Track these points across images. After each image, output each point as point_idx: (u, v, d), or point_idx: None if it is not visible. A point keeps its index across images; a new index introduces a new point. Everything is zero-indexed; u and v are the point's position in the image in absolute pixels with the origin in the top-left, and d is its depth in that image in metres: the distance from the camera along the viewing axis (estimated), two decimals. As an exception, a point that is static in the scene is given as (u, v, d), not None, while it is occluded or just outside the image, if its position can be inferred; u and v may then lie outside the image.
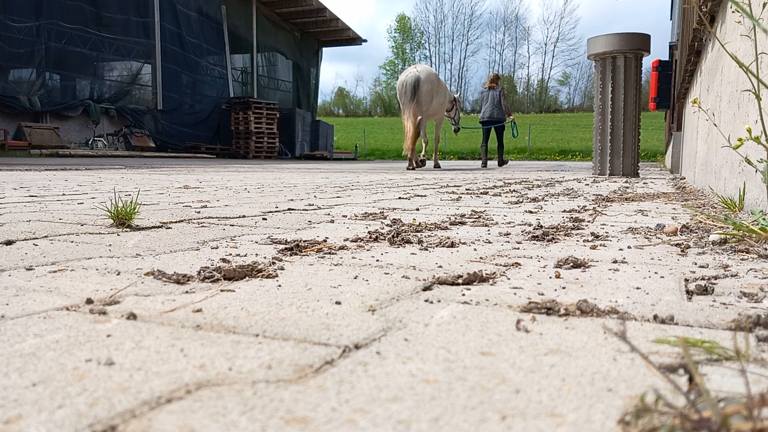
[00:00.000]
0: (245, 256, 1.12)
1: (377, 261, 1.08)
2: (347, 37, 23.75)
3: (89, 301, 0.75)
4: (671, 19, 13.45)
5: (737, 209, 1.88)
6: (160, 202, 2.30)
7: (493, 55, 69.35)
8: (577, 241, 1.36)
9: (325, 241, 1.30)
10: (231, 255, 1.13)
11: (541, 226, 1.59)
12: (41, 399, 0.45)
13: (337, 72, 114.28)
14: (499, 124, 10.55)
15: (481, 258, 1.12)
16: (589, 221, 1.78)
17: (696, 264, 1.06)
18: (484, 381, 0.49)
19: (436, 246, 1.26)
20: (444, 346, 0.59)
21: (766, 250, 1.17)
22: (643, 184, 4.42)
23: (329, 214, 1.93)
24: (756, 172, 1.68)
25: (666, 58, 11.22)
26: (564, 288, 0.87)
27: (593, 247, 1.25)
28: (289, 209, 2.09)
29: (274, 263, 1.04)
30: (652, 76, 10.58)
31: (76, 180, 4.04)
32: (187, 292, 0.82)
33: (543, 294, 0.83)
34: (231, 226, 1.60)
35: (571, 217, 1.87)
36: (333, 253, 1.16)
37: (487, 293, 0.83)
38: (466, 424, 0.41)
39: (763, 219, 1.29)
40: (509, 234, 1.47)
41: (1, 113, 12.78)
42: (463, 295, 0.82)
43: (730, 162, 2.40)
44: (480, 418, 0.42)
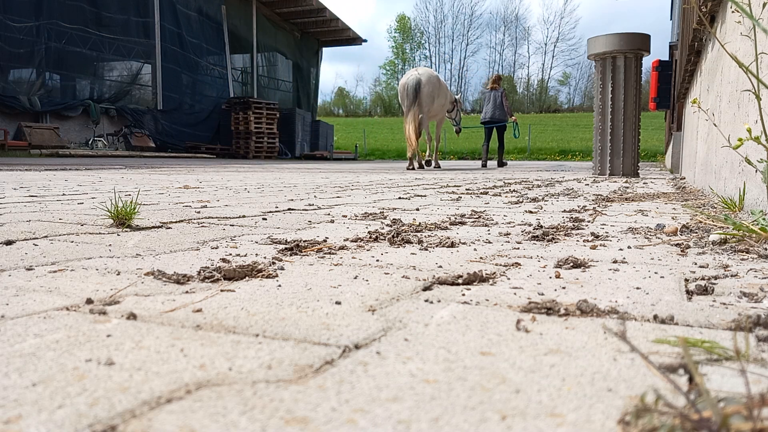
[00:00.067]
0: (245, 256, 1.12)
1: (377, 261, 1.08)
2: (347, 37, 23.76)
3: (89, 301, 0.75)
4: (671, 19, 13.45)
5: (737, 209, 1.88)
6: (160, 202, 2.30)
7: (493, 55, 69.46)
8: (577, 241, 1.36)
9: (325, 241, 1.30)
10: (231, 255, 1.13)
11: (541, 226, 1.59)
12: (41, 399, 0.45)
13: (337, 72, 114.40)
14: (501, 124, 10.56)
15: (481, 258, 1.12)
16: (589, 221, 1.78)
17: (696, 264, 1.07)
18: (484, 381, 0.49)
19: (436, 246, 1.26)
20: (444, 346, 0.59)
21: (766, 250, 1.17)
22: (643, 184, 4.42)
23: (329, 214, 1.93)
24: (756, 172, 1.68)
25: (666, 58, 11.23)
26: (564, 288, 0.87)
27: (593, 247, 1.25)
28: (289, 209, 2.09)
29: (274, 263, 1.04)
30: (652, 76, 10.58)
31: (76, 180, 4.04)
32: (187, 292, 0.82)
33: (543, 294, 0.83)
34: (231, 226, 1.60)
35: (571, 217, 1.87)
36: (333, 253, 1.16)
37: (487, 293, 0.83)
38: (466, 424, 0.41)
39: (763, 219, 1.29)
40: (509, 234, 1.47)
41: (1, 113, 12.79)
42: (463, 295, 0.82)
43: (730, 162, 2.40)
44: (480, 418, 0.42)
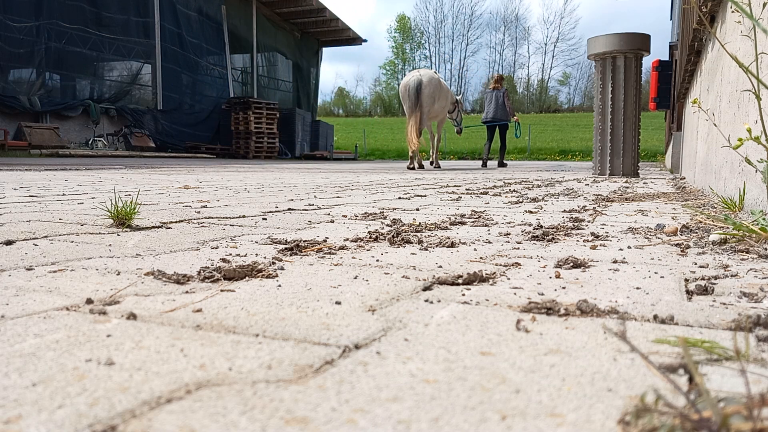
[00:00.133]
0: (245, 256, 1.12)
1: (377, 261, 1.08)
2: (347, 37, 23.75)
3: (89, 301, 0.75)
4: (671, 19, 13.45)
5: (737, 209, 1.88)
6: (160, 202, 2.30)
7: (493, 55, 69.46)
8: (577, 241, 1.36)
9: (325, 241, 1.30)
10: (231, 255, 1.13)
11: (541, 226, 1.59)
12: (41, 399, 0.45)
13: (337, 72, 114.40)
14: (503, 123, 10.58)
15: (481, 258, 1.12)
16: (589, 221, 1.78)
17: (696, 264, 1.06)
18: (484, 381, 0.49)
19: (436, 246, 1.26)
20: (444, 346, 0.59)
21: (766, 250, 1.17)
22: (643, 184, 4.42)
23: (329, 214, 1.93)
24: (756, 172, 1.68)
25: (666, 58, 11.23)
26: (564, 288, 0.87)
27: (593, 247, 1.25)
28: (289, 209, 2.09)
29: (274, 263, 1.04)
30: (652, 76, 10.58)
31: (76, 180, 4.04)
32: (187, 292, 0.82)
33: (543, 294, 0.83)
34: (231, 226, 1.60)
35: (571, 217, 1.87)
36: (333, 253, 1.16)
37: (487, 293, 0.83)
38: (466, 424, 0.41)
39: (763, 219, 1.29)
40: (509, 234, 1.47)
41: (1, 113, 12.78)
42: (463, 295, 0.82)
43: (730, 162, 2.40)
44: (480, 418, 0.42)
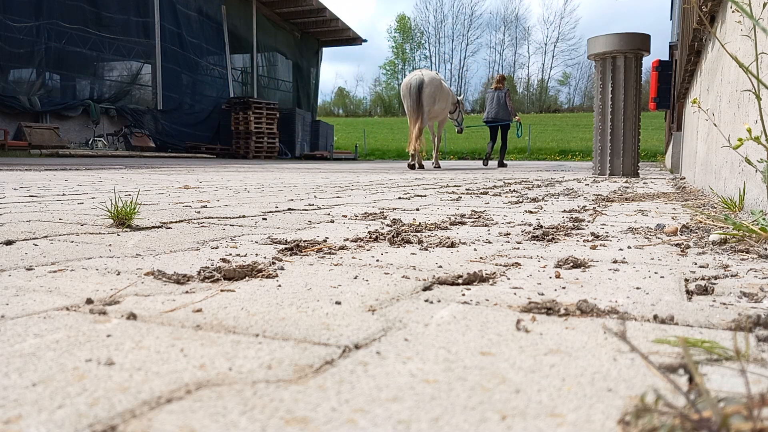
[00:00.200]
0: (245, 256, 1.12)
1: (377, 261, 1.08)
2: (347, 37, 23.75)
3: (89, 301, 0.75)
4: (671, 19, 13.45)
5: (737, 209, 1.88)
6: (160, 202, 2.30)
7: (493, 55, 69.48)
8: (577, 241, 1.36)
9: (325, 241, 1.30)
10: (231, 255, 1.13)
11: (541, 226, 1.59)
12: (41, 399, 0.45)
13: (337, 72, 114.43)
14: (505, 123, 10.60)
15: (481, 258, 1.12)
16: (589, 221, 1.78)
17: (696, 264, 1.06)
18: (484, 381, 0.49)
19: (436, 246, 1.26)
20: (444, 346, 0.59)
21: (766, 250, 1.17)
22: (643, 184, 4.42)
23: (329, 214, 1.93)
24: (756, 172, 1.68)
25: (666, 58, 11.23)
26: (564, 288, 0.87)
27: (593, 247, 1.25)
28: (289, 209, 2.09)
29: (274, 263, 1.04)
30: (652, 76, 10.58)
31: (76, 180, 4.04)
32: (187, 292, 0.82)
33: (543, 294, 0.83)
34: (231, 226, 1.60)
35: (571, 217, 1.87)
36: (333, 253, 1.16)
37: (487, 293, 0.83)
38: (466, 424, 0.41)
39: (763, 219, 1.29)
40: (509, 234, 1.47)
41: (1, 113, 12.78)
42: (463, 295, 0.82)
43: (730, 162, 2.40)
44: (480, 418, 0.42)
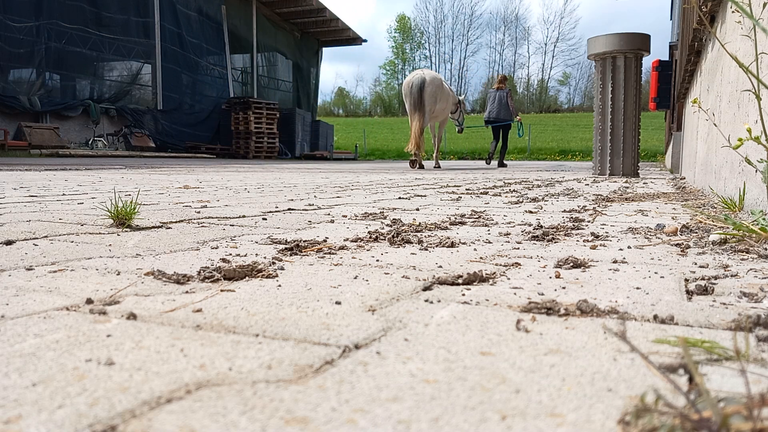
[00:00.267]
0: (245, 256, 1.12)
1: (377, 261, 1.08)
2: (347, 37, 23.75)
3: (89, 301, 0.75)
4: (671, 19, 13.44)
5: (737, 209, 1.88)
6: (160, 202, 2.30)
7: (493, 55, 69.51)
8: (577, 241, 1.36)
9: (325, 241, 1.30)
10: (231, 255, 1.13)
11: (541, 226, 1.59)
12: (41, 399, 0.45)
13: (337, 72, 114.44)
14: (506, 123, 10.61)
15: (481, 258, 1.12)
16: (589, 221, 1.78)
17: (696, 264, 1.06)
18: (484, 381, 0.49)
19: (436, 246, 1.26)
20: (444, 346, 0.59)
21: (766, 250, 1.17)
22: (643, 184, 4.42)
23: (329, 214, 1.93)
24: (756, 172, 1.68)
25: (666, 58, 11.23)
26: (564, 288, 0.87)
27: (593, 247, 1.25)
28: (289, 209, 2.09)
29: (274, 263, 1.04)
30: (652, 76, 10.58)
31: (76, 180, 4.04)
32: (187, 292, 0.82)
33: (543, 294, 0.83)
34: (231, 226, 1.60)
35: (571, 217, 1.87)
36: (333, 253, 1.16)
37: (487, 293, 0.83)
38: (466, 424, 0.41)
39: (763, 219, 1.29)
40: (509, 234, 1.47)
41: (1, 113, 12.78)
42: (463, 295, 0.82)
43: (730, 162, 2.40)
44: (480, 418, 0.42)
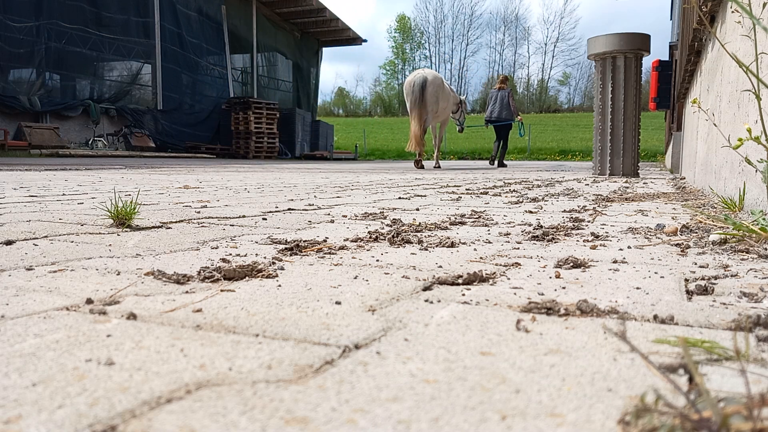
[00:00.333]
0: (245, 256, 1.12)
1: (377, 261, 1.08)
2: (347, 37, 23.75)
3: (89, 301, 0.75)
4: (671, 19, 13.44)
5: (737, 209, 1.88)
6: (160, 202, 2.30)
7: (493, 55, 69.53)
8: (577, 241, 1.36)
9: (325, 241, 1.30)
10: (231, 255, 1.13)
11: (541, 226, 1.59)
12: (41, 399, 0.45)
13: (337, 72, 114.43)
14: (506, 122, 10.62)
15: (481, 258, 1.12)
16: (589, 221, 1.78)
17: (696, 264, 1.06)
18: (484, 381, 0.49)
19: (436, 246, 1.26)
20: (444, 346, 0.59)
21: (766, 250, 1.17)
22: (643, 184, 4.42)
23: (329, 214, 1.93)
24: (756, 172, 1.68)
25: (666, 58, 11.23)
26: (564, 288, 0.87)
27: (593, 247, 1.25)
28: (289, 209, 2.09)
29: (274, 263, 1.04)
30: (652, 76, 10.58)
31: (76, 180, 4.04)
32: (187, 292, 0.82)
33: (543, 294, 0.83)
34: (231, 226, 1.60)
35: (571, 217, 1.87)
36: (333, 253, 1.16)
37: (487, 293, 0.83)
38: (466, 424, 0.41)
39: (763, 219, 1.29)
40: (509, 234, 1.47)
41: (1, 113, 12.78)
42: (463, 295, 0.82)
43: (730, 162, 2.40)
44: (480, 418, 0.42)
